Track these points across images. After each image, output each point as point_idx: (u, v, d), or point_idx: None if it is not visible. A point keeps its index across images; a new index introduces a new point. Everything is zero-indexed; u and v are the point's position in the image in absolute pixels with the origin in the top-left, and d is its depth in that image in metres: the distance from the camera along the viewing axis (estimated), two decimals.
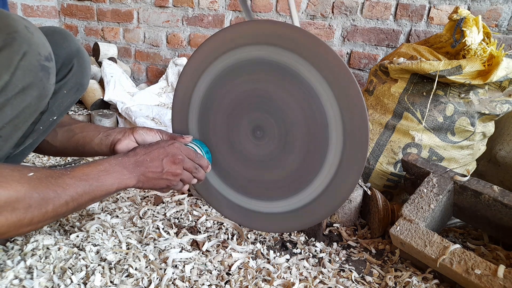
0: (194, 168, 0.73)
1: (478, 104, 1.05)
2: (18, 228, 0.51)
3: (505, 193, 0.85)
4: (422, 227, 0.82)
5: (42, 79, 0.57)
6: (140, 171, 0.66)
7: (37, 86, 0.56)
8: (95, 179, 0.59)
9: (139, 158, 0.66)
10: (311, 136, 0.70)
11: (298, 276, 0.79)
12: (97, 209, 1.00)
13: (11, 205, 0.48)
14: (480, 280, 0.70)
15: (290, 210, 0.76)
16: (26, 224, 0.51)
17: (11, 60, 0.52)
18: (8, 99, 0.54)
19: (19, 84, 0.54)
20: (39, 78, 0.56)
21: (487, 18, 1.49)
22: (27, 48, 0.53)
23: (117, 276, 0.72)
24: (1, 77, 0.52)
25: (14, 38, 0.52)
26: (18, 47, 0.52)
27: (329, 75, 0.65)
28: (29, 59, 0.54)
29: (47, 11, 2.24)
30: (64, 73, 0.72)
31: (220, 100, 0.77)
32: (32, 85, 0.56)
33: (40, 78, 0.56)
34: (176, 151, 0.70)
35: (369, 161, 1.16)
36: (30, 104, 0.57)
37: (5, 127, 0.56)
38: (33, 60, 0.55)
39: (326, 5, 1.75)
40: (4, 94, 0.53)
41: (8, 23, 0.52)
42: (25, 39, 0.53)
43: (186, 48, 2.12)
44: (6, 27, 0.52)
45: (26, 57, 0.53)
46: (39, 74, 0.56)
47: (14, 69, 0.53)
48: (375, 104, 1.19)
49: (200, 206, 1.08)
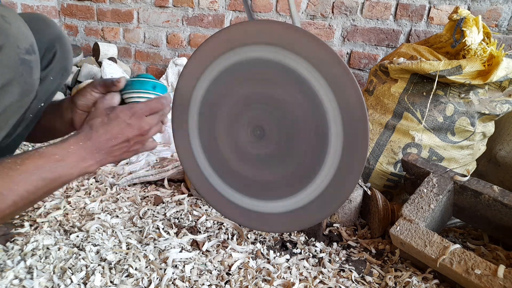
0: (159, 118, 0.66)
1: (478, 104, 1.05)
2: None
3: (505, 193, 0.85)
4: (422, 227, 0.82)
5: (23, 74, 0.52)
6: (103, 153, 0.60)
7: (18, 82, 0.52)
8: (50, 172, 0.54)
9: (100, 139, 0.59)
10: (311, 136, 0.70)
11: (298, 276, 0.79)
12: (97, 209, 1.00)
13: None
14: (480, 280, 0.70)
15: (290, 210, 0.76)
16: None
17: None
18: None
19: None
20: (19, 73, 0.52)
21: (487, 18, 1.49)
22: (4, 41, 0.49)
23: (117, 276, 0.72)
24: None
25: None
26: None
27: (329, 75, 0.65)
28: (7, 53, 0.49)
29: (47, 11, 2.24)
30: (49, 59, 0.70)
31: (220, 100, 0.77)
32: (12, 82, 0.51)
33: (20, 73, 0.52)
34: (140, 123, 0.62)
35: (369, 161, 1.16)
36: (13, 102, 0.53)
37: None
38: (12, 54, 0.50)
39: (326, 5, 1.75)
40: None
41: None
42: (1, 31, 0.49)
43: (186, 48, 2.12)
44: None
45: (3, 51, 0.49)
46: (19, 68, 0.52)
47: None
48: (375, 104, 1.19)
49: (200, 206, 1.08)
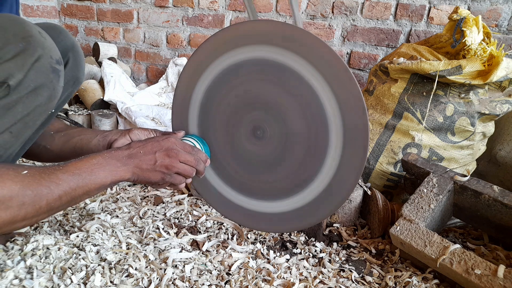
0: (192, 161, 0.72)
1: (478, 104, 1.05)
2: (12, 224, 0.53)
3: (505, 193, 0.85)
4: (422, 227, 0.82)
5: (52, 81, 0.60)
6: (133, 163, 0.66)
7: (47, 87, 0.60)
8: (88, 173, 0.60)
9: (132, 151, 0.67)
10: (311, 136, 0.70)
11: (298, 276, 0.79)
12: (97, 209, 1.00)
13: (5, 203, 0.51)
14: (480, 280, 0.70)
15: (290, 210, 0.76)
16: (20, 220, 0.53)
17: (26, 61, 0.55)
18: (21, 97, 0.57)
19: (31, 84, 0.57)
20: (50, 80, 0.59)
21: (487, 18, 1.49)
22: (41, 52, 0.57)
23: (117, 276, 0.72)
24: (15, 76, 0.55)
25: (29, 42, 0.56)
26: (33, 50, 0.56)
27: (329, 75, 0.65)
28: (43, 61, 0.57)
29: (47, 11, 2.23)
30: None
31: (220, 100, 0.77)
32: (43, 86, 0.59)
33: (51, 80, 0.59)
34: (171, 145, 0.70)
35: (369, 161, 1.16)
36: (41, 104, 0.60)
37: (16, 124, 0.58)
38: (46, 62, 0.58)
39: (326, 5, 1.75)
40: (17, 92, 0.56)
41: (24, 28, 0.56)
42: (39, 43, 0.57)
43: (186, 48, 2.12)
44: (22, 32, 0.56)
45: (40, 60, 0.57)
46: (50, 76, 0.59)
47: (28, 70, 0.56)
48: (375, 104, 1.19)
49: (200, 206, 1.08)
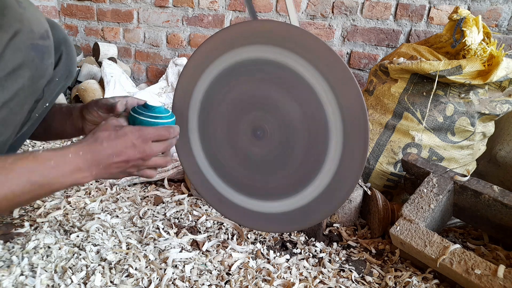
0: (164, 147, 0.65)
1: (478, 104, 1.05)
2: None
3: (505, 193, 0.85)
4: (422, 227, 0.82)
5: (34, 59, 0.53)
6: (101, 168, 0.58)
7: (28, 67, 0.53)
8: (41, 177, 0.52)
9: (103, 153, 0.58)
10: (311, 136, 0.70)
11: (298, 276, 0.79)
12: (97, 209, 1.00)
13: None
14: (480, 280, 0.70)
15: (290, 210, 0.76)
16: None
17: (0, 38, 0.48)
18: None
19: (9, 64, 0.50)
20: (30, 58, 0.52)
21: (487, 18, 1.49)
22: (19, 26, 0.50)
23: (117, 276, 0.72)
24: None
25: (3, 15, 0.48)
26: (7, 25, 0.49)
27: (329, 75, 0.65)
28: (21, 37, 0.50)
29: (47, 11, 2.24)
30: (55, 61, 0.70)
31: (220, 100, 0.77)
32: (23, 66, 0.52)
33: (32, 58, 0.52)
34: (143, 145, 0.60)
35: (369, 161, 1.16)
36: (23, 87, 0.54)
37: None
38: (25, 38, 0.51)
39: (326, 5, 1.75)
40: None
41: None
42: (15, 16, 0.49)
43: (186, 48, 2.12)
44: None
45: (18, 35, 0.50)
46: (31, 53, 0.52)
47: (3, 48, 0.49)
48: (375, 104, 1.19)
49: (200, 206, 1.08)
